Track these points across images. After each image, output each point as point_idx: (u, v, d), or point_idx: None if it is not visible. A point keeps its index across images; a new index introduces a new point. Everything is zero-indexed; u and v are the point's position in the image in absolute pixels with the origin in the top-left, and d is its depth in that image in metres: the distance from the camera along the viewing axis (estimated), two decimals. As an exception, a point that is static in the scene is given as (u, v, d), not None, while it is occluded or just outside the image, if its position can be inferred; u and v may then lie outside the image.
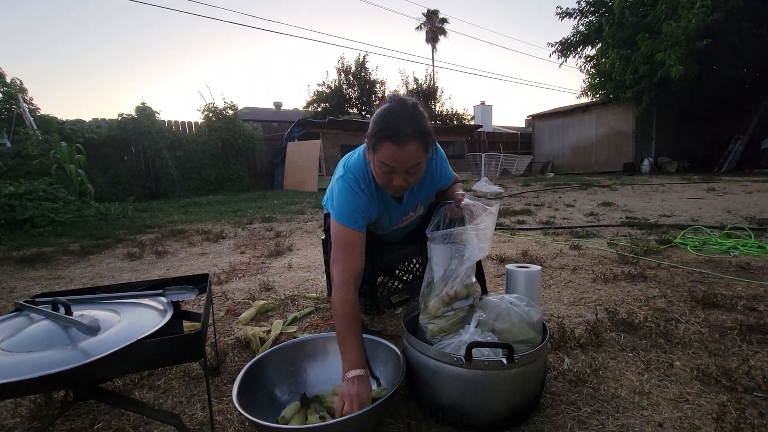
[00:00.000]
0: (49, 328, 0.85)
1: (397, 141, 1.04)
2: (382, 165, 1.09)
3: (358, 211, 1.18)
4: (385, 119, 1.06)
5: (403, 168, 1.09)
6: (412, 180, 1.14)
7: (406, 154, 1.05)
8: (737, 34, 10.09)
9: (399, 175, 1.10)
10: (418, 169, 1.12)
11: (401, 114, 1.06)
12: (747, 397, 1.05)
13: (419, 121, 1.07)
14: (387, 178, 1.12)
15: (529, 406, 1.00)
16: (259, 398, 1.02)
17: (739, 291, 1.83)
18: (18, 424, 1.07)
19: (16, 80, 7.25)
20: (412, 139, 1.05)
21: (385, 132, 1.05)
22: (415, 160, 1.08)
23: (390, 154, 1.06)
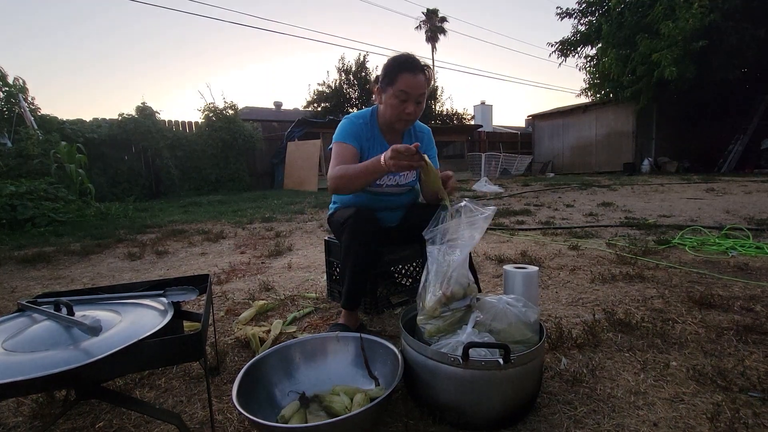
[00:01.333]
0: (52, 329, 0.86)
1: (412, 70, 1.38)
2: (400, 94, 1.39)
3: (353, 134, 1.51)
4: (398, 58, 1.40)
5: (416, 95, 1.40)
6: (418, 110, 1.44)
7: (418, 82, 1.38)
8: (735, 35, 10.08)
9: (411, 104, 1.41)
10: (423, 100, 1.43)
11: (410, 55, 1.42)
12: (742, 397, 1.06)
13: (424, 61, 1.44)
14: (401, 107, 1.41)
15: (526, 406, 1.01)
16: (258, 397, 1.03)
17: (736, 291, 1.84)
18: (20, 423, 1.08)
19: (19, 80, 7.25)
20: (421, 71, 1.39)
21: (401, 65, 1.38)
22: (423, 89, 1.41)
23: (407, 82, 1.37)
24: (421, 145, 1.56)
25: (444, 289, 1.09)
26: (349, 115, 1.57)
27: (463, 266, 1.13)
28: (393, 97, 1.41)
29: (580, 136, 15.19)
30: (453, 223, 1.14)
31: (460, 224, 1.13)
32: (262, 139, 11.14)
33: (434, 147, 1.66)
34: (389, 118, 1.48)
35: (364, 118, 1.56)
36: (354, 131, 1.51)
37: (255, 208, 6.16)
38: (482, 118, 22.26)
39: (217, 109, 10.26)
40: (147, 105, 9.31)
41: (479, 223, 1.11)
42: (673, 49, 10.01)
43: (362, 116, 1.56)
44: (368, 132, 1.54)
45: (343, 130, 1.52)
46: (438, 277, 1.11)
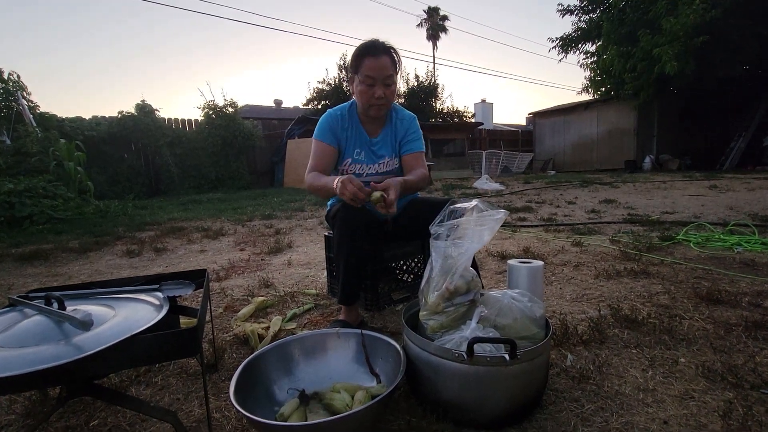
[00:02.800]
0: (42, 323, 0.83)
1: (374, 53, 1.38)
2: (366, 78, 1.40)
3: (330, 130, 1.53)
4: (363, 45, 1.42)
5: (382, 78, 1.40)
6: (389, 93, 1.44)
7: (381, 64, 1.39)
8: (736, 32, 10.01)
9: (379, 87, 1.41)
10: (392, 82, 1.43)
11: (373, 40, 1.43)
12: (754, 394, 1.03)
13: (387, 43, 1.43)
14: (370, 92, 1.42)
15: (532, 403, 0.98)
16: (257, 395, 1.00)
17: (743, 287, 1.81)
18: (13, 421, 1.06)
19: (13, 74, 7.20)
20: (383, 53, 1.40)
21: (363, 51, 1.39)
22: (389, 70, 1.41)
23: (370, 66, 1.38)
24: (402, 129, 1.60)
25: (447, 283, 1.06)
26: (330, 109, 1.59)
27: (468, 262, 1.10)
28: (360, 83, 1.43)
29: (581, 133, 15.12)
30: (463, 220, 1.11)
31: (470, 222, 1.09)
32: (262, 137, 11.11)
33: (417, 131, 1.64)
34: (362, 106, 1.50)
35: (342, 110, 1.57)
36: (330, 126, 1.54)
37: (255, 205, 6.13)
38: (483, 116, 22.18)
39: (217, 107, 10.22)
40: (147, 103, 9.29)
41: (490, 224, 1.08)
42: (674, 45, 9.95)
43: (341, 108, 1.58)
44: (345, 123, 1.55)
45: (321, 126, 1.55)
46: (442, 272, 1.08)
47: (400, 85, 16.22)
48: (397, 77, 1.46)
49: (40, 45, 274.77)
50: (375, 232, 1.55)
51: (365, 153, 1.59)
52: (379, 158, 1.60)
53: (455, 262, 1.07)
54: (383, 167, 1.60)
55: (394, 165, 1.62)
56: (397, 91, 1.51)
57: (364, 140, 1.58)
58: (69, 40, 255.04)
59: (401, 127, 1.61)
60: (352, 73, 1.47)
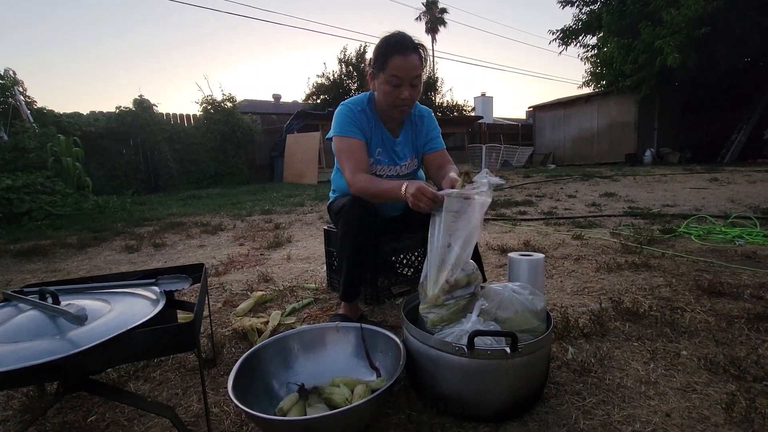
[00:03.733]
0: (36, 318, 0.82)
1: (403, 52, 1.27)
2: (393, 78, 1.29)
3: (354, 123, 1.39)
4: (388, 39, 1.29)
5: (410, 78, 1.29)
6: (415, 94, 1.34)
7: (411, 63, 1.27)
8: (739, 23, 9.92)
9: (406, 87, 1.30)
10: (419, 82, 1.32)
11: (402, 35, 1.30)
12: (756, 387, 1.02)
13: (416, 39, 1.32)
14: (396, 92, 1.31)
15: (533, 397, 0.97)
16: (255, 390, 0.99)
17: (745, 280, 1.80)
18: (10, 417, 1.05)
19: (9, 71, 7.14)
20: (413, 51, 1.28)
21: (391, 47, 1.27)
22: (417, 70, 1.29)
23: (398, 65, 1.27)
24: (423, 128, 1.52)
25: (447, 276, 1.04)
26: (346, 102, 1.44)
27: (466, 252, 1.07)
28: (386, 82, 1.31)
29: (581, 127, 15.06)
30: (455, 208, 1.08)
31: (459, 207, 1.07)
32: (261, 131, 11.05)
33: (437, 127, 1.55)
34: (384, 106, 1.39)
35: (361, 104, 1.44)
36: (354, 120, 1.40)
37: (254, 200, 6.11)
38: (483, 109, 22.09)
39: (216, 102, 10.16)
40: (144, 98, 9.22)
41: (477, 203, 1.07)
42: (675, 37, 9.86)
43: (358, 103, 1.44)
44: (367, 121, 1.43)
45: (343, 121, 1.40)
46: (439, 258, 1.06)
47: None
48: (424, 73, 1.34)
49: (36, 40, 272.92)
50: (378, 227, 1.52)
51: (386, 153, 1.48)
52: (400, 159, 1.50)
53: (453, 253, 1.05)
54: (404, 169, 1.52)
55: (413, 166, 1.55)
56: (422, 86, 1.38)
57: (387, 140, 1.47)
58: (65, 36, 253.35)
59: (422, 125, 1.51)
60: (375, 69, 1.34)
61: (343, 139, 1.39)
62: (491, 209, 4.32)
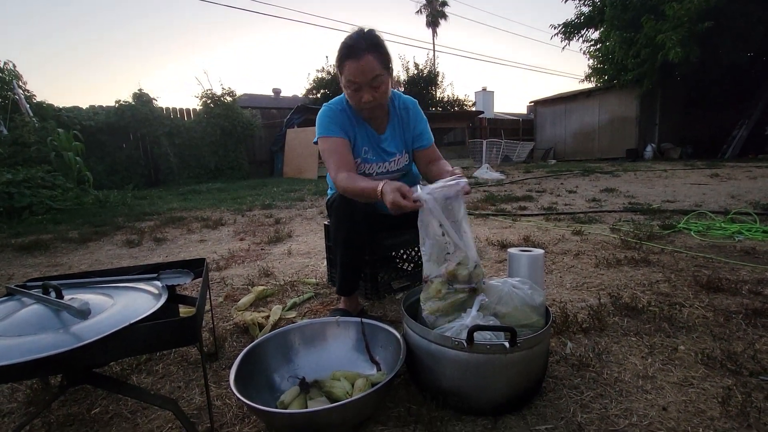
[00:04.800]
0: (40, 312, 0.82)
1: (354, 56, 1.20)
2: (350, 83, 1.24)
3: (338, 125, 1.36)
4: (344, 43, 1.23)
5: (367, 81, 1.23)
6: (378, 95, 1.27)
7: (364, 66, 1.20)
8: (742, 18, 9.84)
9: (366, 90, 1.24)
10: (381, 82, 1.25)
11: (356, 35, 1.23)
12: (753, 381, 1.03)
13: (372, 37, 1.23)
14: (357, 96, 1.26)
15: (532, 391, 0.99)
16: (257, 383, 1.01)
17: (744, 275, 1.80)
18: (15, 409, 1.06)
19: (9, 63, 7.11)
20: (366, 52, 1.20)
21: (343, 52, 1.22)
22: (375, 71, 1.22)
23: (351, 70, 1.21)
24: (409, 122, 1.48)
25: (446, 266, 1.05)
26: (327, 103, 1.41)
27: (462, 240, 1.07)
28: (345, 87, 1.28)
29: (582, 122, 15.00)
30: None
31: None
32: (261, 126, 11.01)
33: (423, 120, 1.49)
34: (354, 108, 1.36)
35: (341, 104, 1.40)
36: (335, 120, 1.37)
37: (254, 195, 6.11)
38: (483, 104, 21.98)
39: (215, 96, 10.11)
40: (144, 92, 9.18)
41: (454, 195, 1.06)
42: (678, 31, 9.78)
43: (339, 102, 1.41)
44: (349, 120, 1.40)
45: (324, 122, 1.37)
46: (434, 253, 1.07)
47: (401, 73, 16.03)
48: (388, 73, 1.27)
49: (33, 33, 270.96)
50: (373, 222, 1.53)
51: (373, 151, 1.45)
52: (389, 156, 1.47)
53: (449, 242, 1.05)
54: (394, 165, 1.49)
55: (404, 161, 1.51)
56: (392, 84, 1.32)
57: (372, 137, 1.44)
58: (62, 29, 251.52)
59: (407, 119, 1.47)
60: (337, 71, 1.30)
61: (326, 140, 1.36)
62: (491, 204, 4.32)
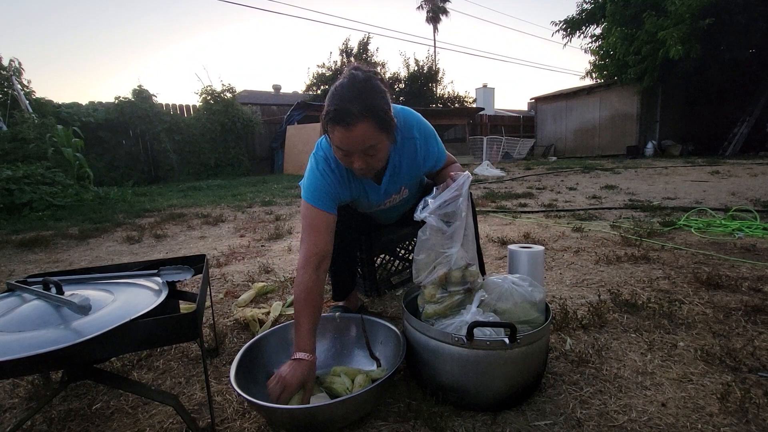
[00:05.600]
0: (41, 308, 0.83)
1: (344, 124, 0.95)
2: (337, 149, 1.03)
3: (326, 193, 1.13)
4: (333, 100, 0.97)
5: (358, 150, 1.00)
6: (373, 162, 1.04)
7: (356, 136, 0.96)
8: (744, 14, 9.78)
9: (357, 158, 1.02)
10: (377, 151, 1.02)
11: (349, 93, 0.95)
12: (752, 377, 1.04)
13: (368, 98, 0.95)
14: (347, 161, 1.04)
15: (531, 386, 0.99)
16: (257, 379, 1.01)
17: (743, 272, 1.81)
18: (16, 405, 1.07)
19: (14, 61, 7.10)
20: (360, 120, 0.94)
21: (331, 115, 0.96)
22: (368, 141, 0.98)
23: (340, 138, 0.98)
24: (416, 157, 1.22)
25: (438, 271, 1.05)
26: (318, 160, 1.16)
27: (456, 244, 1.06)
28: (334, 149, 1.05)
29: (583, 119, 14.96)
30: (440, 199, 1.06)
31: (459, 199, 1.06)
32: (261, 122, 10.99)
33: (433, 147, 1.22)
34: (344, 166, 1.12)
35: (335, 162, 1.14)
36: (328, 189, 1.13)
37: (255, 192, 6.11)
38: (484, 101, 21.91)
39: (215, 92, 10.08)
40: (143, 88, 9.15)
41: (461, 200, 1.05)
42: (679, 27, 9.73)
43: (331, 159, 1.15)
44: (343, 180, 1.16)
45: (313, 186, 1.13)
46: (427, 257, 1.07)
47: (401, 70, 15.95)
48: (386, 136, 1.02)
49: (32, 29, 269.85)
50: (362, 225, 1.48)
51: (373, 198, 1.27)
52: (389, 196, 1.30)
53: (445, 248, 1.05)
54: (397, 199, 1.34)
55: (405, 194, 1.34)
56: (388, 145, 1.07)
57: (370, 188, 1.24)
58: (62, 25, 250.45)
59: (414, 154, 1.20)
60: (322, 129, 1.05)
61: (311, 209, 1.12)
62: (492, 201, 4.31)
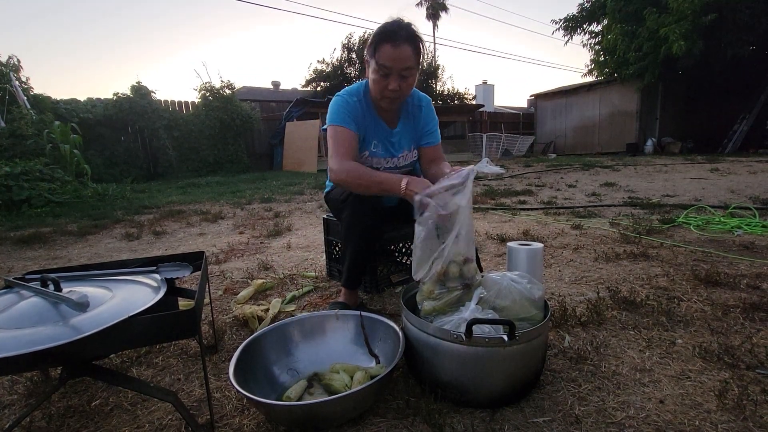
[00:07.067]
0: (39, 305, 0.82)
1: (393, 42, 1.21)
2: (381, 67, 1.24)
3: (349, 113, 1.35)
4: (383, 27, 1.24)
5: (399, 69, 1.24)
6: (405, 86, 1.28)
7: (401, 54, 1.21)
8: (746, 10, 9.76)
9: (394, 78, 1.25)
10: (410, 74, 1.27)
11: (397, 23, 1.24)
12: (749, 374, 1.04)
13: (412, 29, 1.24)
14: (384, 82, 1.26)
15: (530, 383, 0.99)
16: (256, 375, 1.01)
17: (742, 270, 1.81)
18: (15, 401, 1.07)
19: (13, 58, 7.07)
20: (405, 41, 1.22)
21: (382, 35, 1.22)
22: (408, 62, 1.24)
23: (387, 54, 1.22)
24: (421, 119, 1.49)
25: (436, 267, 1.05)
26: (341, 92, 1.41)
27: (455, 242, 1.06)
28: (375, 71, 1.26)
29: (583, 116, 14.94)
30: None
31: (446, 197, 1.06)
32: (261, 119, 10.96)
33: (434, 119, 1.51)
34: (374, 95, 1.35)
35: (358, 95, 1.39)
36: (350, 112, 1.35)
37: (254, 189, 6.10)
38: (484, 98, 21.88)
39: (214, 89, 10.05)
40: (142, 84, 9.12)
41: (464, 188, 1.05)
42: (681, 24, 9.70)
43: (355, 93, 1.40)
44: (363, 111, 1.39)
45: (339, 111, 1.36)
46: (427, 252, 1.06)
47: None
48: (417, 69, 1.28)
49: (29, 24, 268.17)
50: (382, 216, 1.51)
51: (383, 145, 1.45)
52: (398, 151, 1.47)
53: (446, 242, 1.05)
54: (402, 161, 1.50)
55: (412, 157, 1.52)
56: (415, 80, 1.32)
57: (383, 132, 1.44)
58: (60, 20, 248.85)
59: (420, 116, 1.47)
60: (368, 56, 1.29)
61: (336, 128, 1.34)
62: (491, 198, 4.31)
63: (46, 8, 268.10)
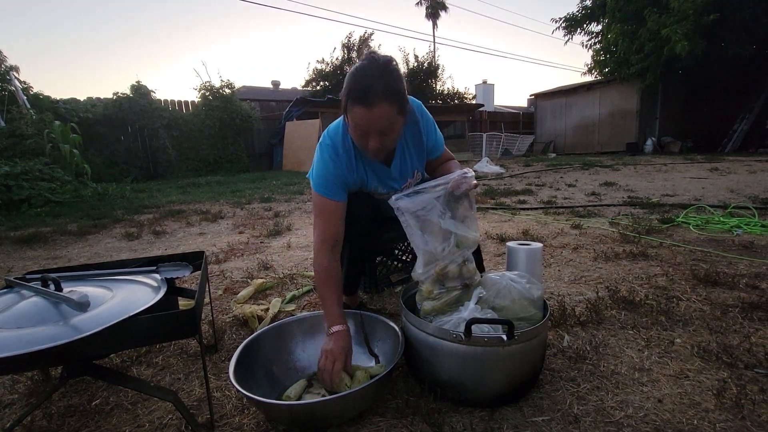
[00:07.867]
0: (39, 305, 0.83)
1: (366, 103, 1.00)
2: (356, 128, 1.07)
3: (335, 181, 1.17)
4: (355, 79, 1.02)
5: (376, 129, 1.05)
6: (387, 142, 1.10)
7: (376, 115, 1.01)
8: (747, 9, 9.76)
9: (374, 137, 1.06)
10: (392, 130, 1.08)
11: (371, 73, 1.00)
12: (748, 374, 1.04)
13: (390, 80, 1.01)
14: (363, 141, 1.09)
15: (529, 383, 0.99)
16: (256, 375, 1.01)
17: (741, 269, 1.81)
18: (16, 401, 1.07)
19: (4, 57, 7.06)
20: (382, 100, 1.00)
21: (354, 94, 1.01)
22: (387, 121, 1.04)
23: (360, 116, 1.02)
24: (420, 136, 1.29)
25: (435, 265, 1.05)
26: (325, 148, 1.19)
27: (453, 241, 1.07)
28: (351, 128, 1.09)
29: (583, 115, 14.93)
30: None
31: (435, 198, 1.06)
32: (260, 119, 10.96)
33: (433, 128, 1.30)
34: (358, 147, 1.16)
35: (344, 145, 1.18)
36: (338, 174, 1.17)
37: (254, 188, 6.10)
38: (484, 97, 21.85)
39: (214, 88, 10.04)
40: (142, 84, 9.11)
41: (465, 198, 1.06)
42: (683, 24, 9.70)
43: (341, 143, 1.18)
44: (353, 162, 1.20)
45: (325, 174, 1.17)
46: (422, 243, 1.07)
47: (401, 66, 15.86)
48: (402, 116, 1.08)
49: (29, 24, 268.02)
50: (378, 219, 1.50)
51: (382, 184, 1.30)
52: (399, 184, 1.32)
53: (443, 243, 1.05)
54: (411, 185, 1.33)
55: (416, 180, 1.36)
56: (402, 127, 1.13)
57: (380, 172, 1.27)
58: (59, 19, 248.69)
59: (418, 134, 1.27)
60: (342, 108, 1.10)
61: (319, 198, 1.18)
62: (491, 198, 4.31)
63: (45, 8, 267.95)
